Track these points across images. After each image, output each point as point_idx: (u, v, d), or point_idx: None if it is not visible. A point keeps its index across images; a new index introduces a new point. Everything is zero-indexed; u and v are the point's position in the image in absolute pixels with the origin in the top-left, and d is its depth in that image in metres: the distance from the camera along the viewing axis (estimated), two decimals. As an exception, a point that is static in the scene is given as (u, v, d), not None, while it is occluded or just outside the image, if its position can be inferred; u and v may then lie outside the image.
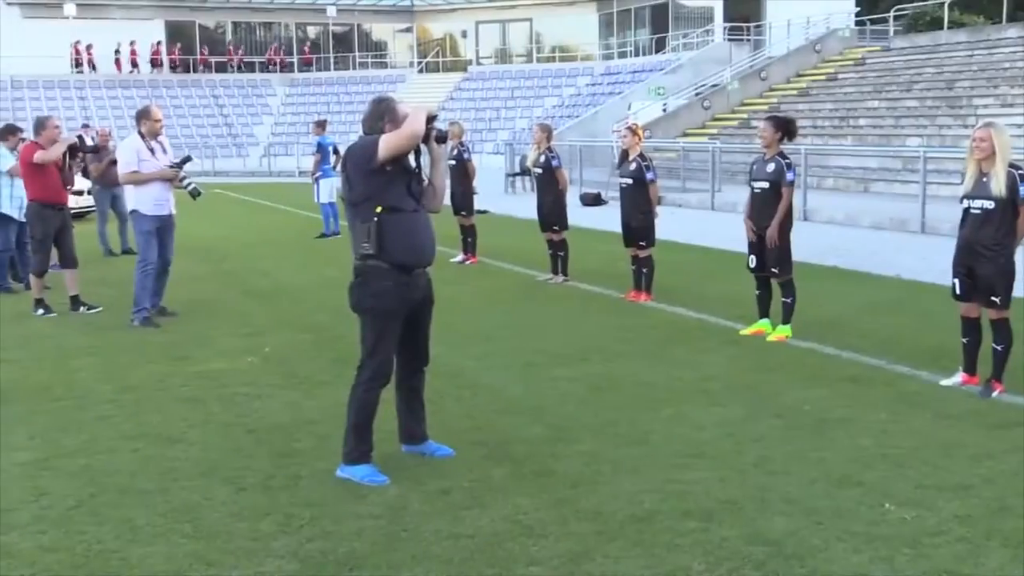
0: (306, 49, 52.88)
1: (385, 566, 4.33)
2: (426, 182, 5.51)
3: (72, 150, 10.69)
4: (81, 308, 10.36)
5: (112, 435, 6.22)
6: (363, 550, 4.50)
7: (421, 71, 51.31)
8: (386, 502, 5.05)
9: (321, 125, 18.34)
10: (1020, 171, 6.68)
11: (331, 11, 50.06)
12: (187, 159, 10.05)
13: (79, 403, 6.96)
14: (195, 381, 7.54)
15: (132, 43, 48.64)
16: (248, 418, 6.57)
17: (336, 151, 18.07)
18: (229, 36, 53.22)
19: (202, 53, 51.00)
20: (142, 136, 9.58)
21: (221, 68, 51.08)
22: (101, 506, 5.05)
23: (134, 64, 49.33)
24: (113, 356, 8.42)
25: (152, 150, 9.55)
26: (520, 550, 4.46)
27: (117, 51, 48.20)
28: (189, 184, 9.83)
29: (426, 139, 5.34)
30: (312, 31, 54.65)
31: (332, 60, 52.31)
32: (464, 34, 53.80)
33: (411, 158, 5.40)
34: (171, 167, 9.68)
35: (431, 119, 5.33)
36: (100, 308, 10.44)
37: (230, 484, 5.33)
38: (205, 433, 6.25)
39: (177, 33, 51.37)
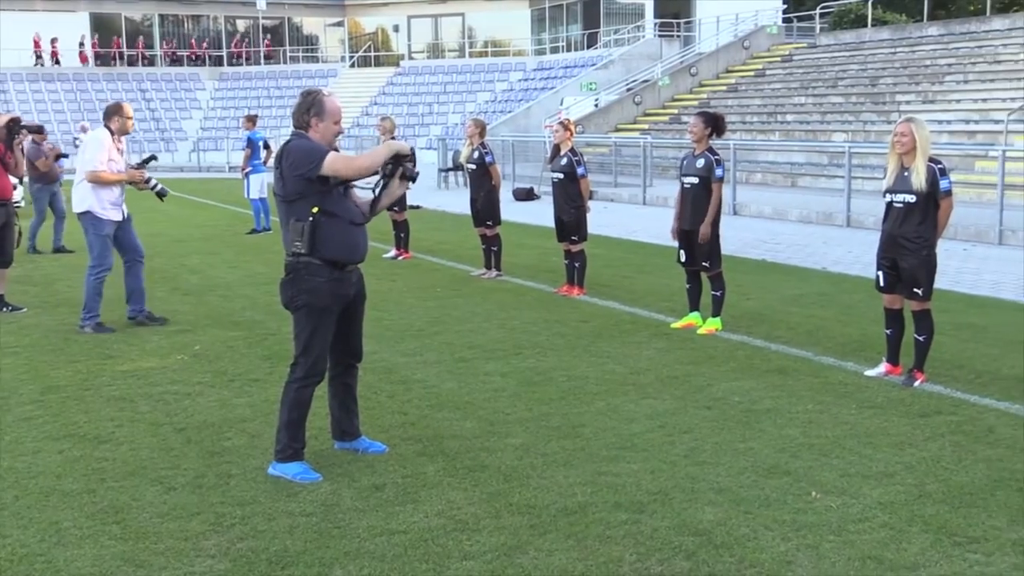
0: (235, 43, 52.16)
1: (317, 564, 4.31)
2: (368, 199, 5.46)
3: (11, 128, 10.15)
4: (4, 308, 10.08)
5: (36, 436, 6.10)
6: (295, 548, 4.47)
7: (353, 65, 50.94)
8: (318, 499, 5.02)
9: (251, 120, 18.12)
10: (940, 165, 6.85)
11: (261, 4, 49.46)
12: (151, 158, 9.63)
13: (1, 404, 6.80)
14: (123, 380, 7.41)
15: (53, 39, 47.51)
16: (177, 417, 6.48)
17: (267, 146, 17.87)
18: (156, 29, 52.29)
19: (128, 46, 50.02)
20: (111, 133, 9.08)
21: (148, 61, 50.18)
22: (25, 509, 4.95)
23: (55, 58, 48.18)
24: (37, 356, 8.24)
25: (120, 151, 9.20)
26: (454, 545, 4.47)
27: (38, 43, 47.07)
28: (156, 185, 9.36)
29: (391, 175, 5.29)
30: (241, 24, 53.94)
31: (262, 54, 51.68)
32: (396, 28, 53.53)
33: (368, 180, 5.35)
34: (136, 167, 9.29)
35: (404, 156, 5.28)
36: (24, 309, 10.16)
37: (159, 484, 5.26)
38: (133, 433, 6.16)
39: (102, 25, 50.33)
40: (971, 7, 41.22)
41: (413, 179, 5.40)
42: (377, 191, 5.41)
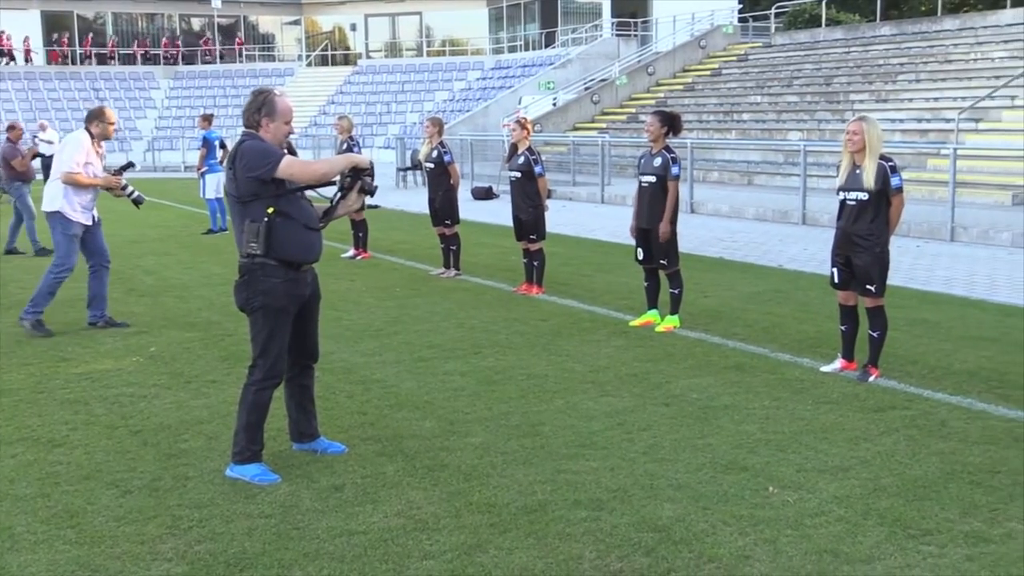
0: (180, 42, 51.62)
1: (276, 566, 4.29)
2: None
3: None
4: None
5: (-11, 440, 6.00)
6: (254, 550, 4.44)
7: (310, 64, 50.61)
8: (277, 500, 4.99)
9: (207, 119, 17.96)
10: (891, 163, 6.94)
11: (216, 2, 49.00)
12: (129, 165, 9.48)
13: (-47, 408, 6.70)
14: (77, 383, 7.32)
15: (6, 34, 46.76)
16: (133, 419, 6.41)
17: (223, 145, 17.74)
18: (110, 27, 51.63)
19: (81, 44, 49.35)
20: (91, 137, 8.93)
21: (101, 60, 49.53)
22: (-23, 514, 4.87)
23: (10, 54, 47.42)
24: (-11, 358, 8.11)
25: (100, 155, 9.03)
26: (414, 545, 4.47)
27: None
28: (132, 192, 9.19)
29: (350, 187, 5.25)
30: (196, 23, 53.41)
31: (218, 53, 51.22)
32: (353, 27, 53.24)
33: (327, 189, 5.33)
34: (114, 174, 9.13)
35: (363, 170, 5.24)
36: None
37: (115, 487, 5.20)
38: (88, 436, 6.08)
39: (55, 23, 49.60)
40: (923, 7, 41.77)
41: (371, 193, 5.37)
42: (334, 201, 5.38)
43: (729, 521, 4.67)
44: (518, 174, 10.64)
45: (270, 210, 5.09)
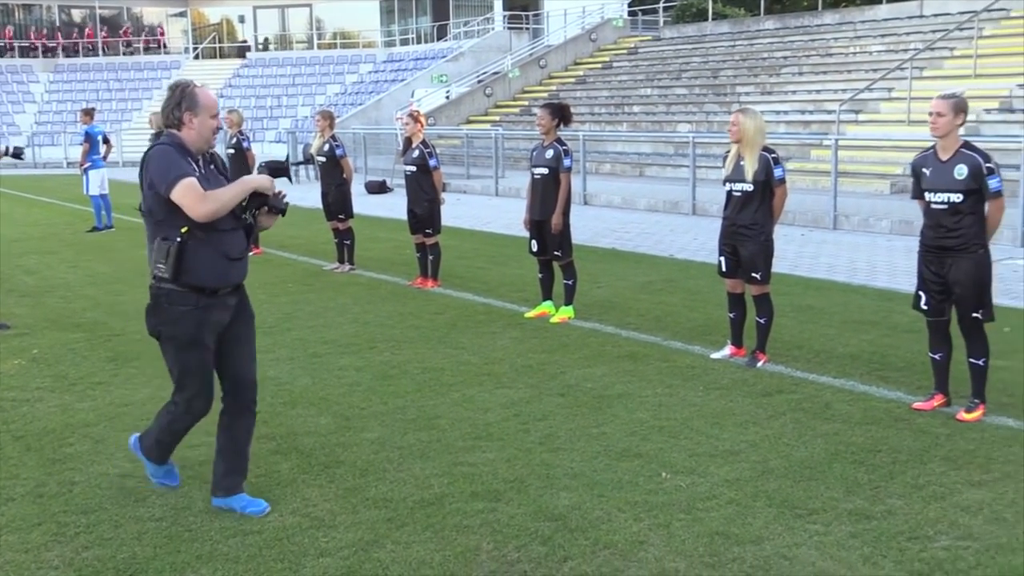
0: (60, 34, 49.95)
1: (168, 569, 4.20)
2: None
3: None
4: None
5: None
6: (144, 554, 4.34)
7: (197, 57, 49.49)
8: (168, 503, 4.88)
9: (89, 113, 17.41)
10: (773, 155, 7.13)
11: (97, -8, 47.54)
12: (17, 154, 9.15)
13: None
14: (-46, 388, 7.04)
15: None
16: (15, 424, 6.19)
17: (106, 140, 17.28)
18: (-16, 18, 49.63)
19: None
20: None
21: (-25, 53, 47.64)
22: None
23: None
24: None
25: None
26: (310, 542, 4.43)
27: None
28: (8, 149, 8.86)
29: (256, 211, 4.63)
30: (77, 14, 51.68)
31: (100, 45, 49.68)
32: (241, 19, 52.24)
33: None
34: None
35: (267, 195, 4.60)
36: None
37: (-4, 495, 5.03)
38: (-33, 443, 5.86)
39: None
40: (804, 2, 42.90)
41: (283, 212, 4.72)
42: (246, 223, 4.69)
43: (624, 507, 4.75)
44: (413, 168, 10.59)
45: (184, 229, 4.42)
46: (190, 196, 4.36)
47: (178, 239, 4.41)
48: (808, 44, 27.63)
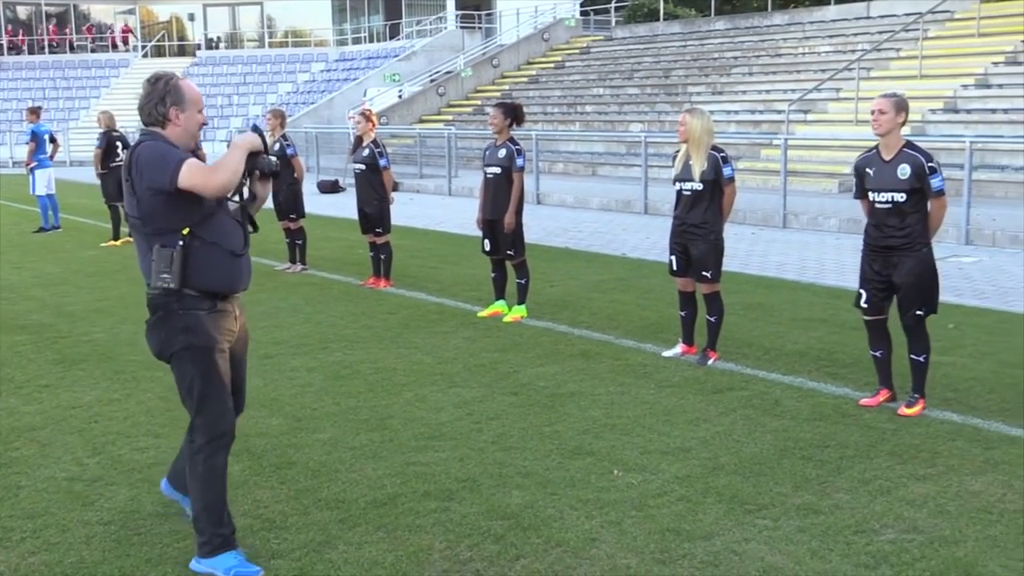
0: (10, 30, 49.13)
1: (117, 573, 4.16)
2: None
3: None
4: None
5: None
6: (93, 558, 4.29)
7: (146, 55, 48.86)
8: (116, 507, 4.83)
9: (35, 112, 17.14)
10: (722, 154, 7.19)
11: (43, -11, 46.78)
12: None
13: None
14: None
15: None
16: (-41, 429, 6.09)
17: (53, 139, 17.02)
18: (-76, 14, 48.64)
19: None
20: None
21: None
22: None
23: None
24: None
25: None
26: (261, 544, 4.40)
27: None
28: None
29: (250, 177, 4.26)
30: (22, 11, 50.80)
31: (46, 42, 48.87)
32: (191, 17, 51.66)
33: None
34: None
35: (257, 153, 4.18)
36: None
37: (-61, 501, 4.94)
38: (-91, 448, 5.75)
39: None
40: (754, 3, 43.33)
41: (273, 173, 4.37)
42: (243, 200, 4.34)
43: (576, 505, 4.77)
44: (362, 167, 10.55)
45: (185, 231, 4.06)
46: (199, 174, 3.98)
47: (180, 243, 4.04)
48: (758, 44, 27.90)
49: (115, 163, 14.90)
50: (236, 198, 4.29)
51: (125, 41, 49.13)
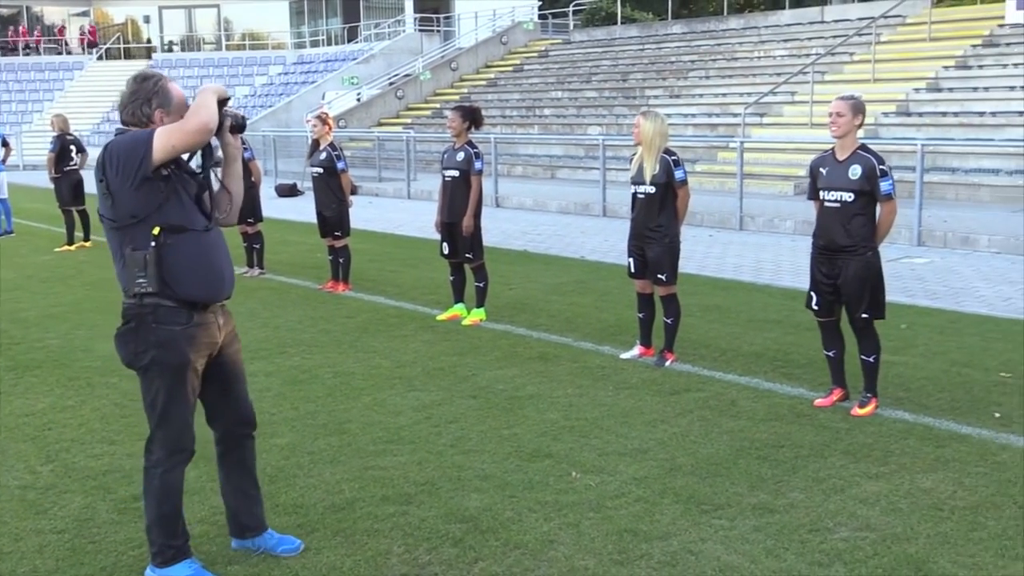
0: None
1: (71, 581, 4.12)
2: (216, 187, 4.23)
3: None
4: None
5: None
6: (46, 567, 4.24)
7: (100, 58, 48.32)
8: (71, 515, 4.78)
9: (-14, 115, 16.91)
10: (674, 157, 7.25)
11: (-6, -10, 46.12)
12: None
13: None
14: None
15: None
16: (-92, 437, 6.00)
17: (5, 143, 16.80)
18: None
19: None
20: None
21: None
22: None
23: None
24: None
25: None
26: (218, 551, 4.37)
27: None
28: None
29: (218, 131, 4.03)
30: (-26, 13, 50.10)
31: (-4, 45, 48.20)
32: (147, 19, 51.13)
33: (195, 157, 4.10)
34: None
35: (223, 102, 4.00)
36: None
37: None
38: None
39: None
40: (711, 7, 43.68)
41: (243, 127, 4.21)
42: (209, 162, 4.14)
43: (534, 508, 4.79)
44: (320, 170, 10.52)
45: (156, 231, 3.87)
46: (174, 131, 3.82)
47: (152, 244, 3.86)
48: (714, 48, 28.12)
49: (69, 167, 14.73)
50: (200, 164, 4.11)
51: (93, 44, 48.49)
